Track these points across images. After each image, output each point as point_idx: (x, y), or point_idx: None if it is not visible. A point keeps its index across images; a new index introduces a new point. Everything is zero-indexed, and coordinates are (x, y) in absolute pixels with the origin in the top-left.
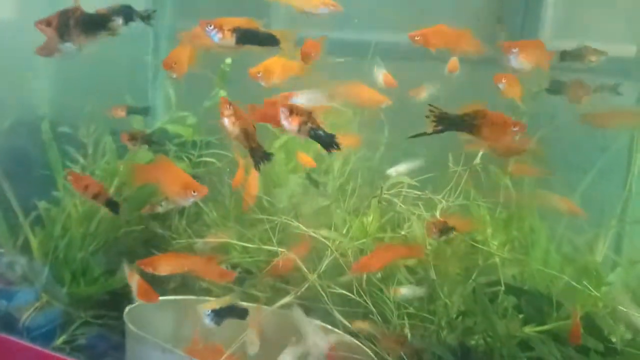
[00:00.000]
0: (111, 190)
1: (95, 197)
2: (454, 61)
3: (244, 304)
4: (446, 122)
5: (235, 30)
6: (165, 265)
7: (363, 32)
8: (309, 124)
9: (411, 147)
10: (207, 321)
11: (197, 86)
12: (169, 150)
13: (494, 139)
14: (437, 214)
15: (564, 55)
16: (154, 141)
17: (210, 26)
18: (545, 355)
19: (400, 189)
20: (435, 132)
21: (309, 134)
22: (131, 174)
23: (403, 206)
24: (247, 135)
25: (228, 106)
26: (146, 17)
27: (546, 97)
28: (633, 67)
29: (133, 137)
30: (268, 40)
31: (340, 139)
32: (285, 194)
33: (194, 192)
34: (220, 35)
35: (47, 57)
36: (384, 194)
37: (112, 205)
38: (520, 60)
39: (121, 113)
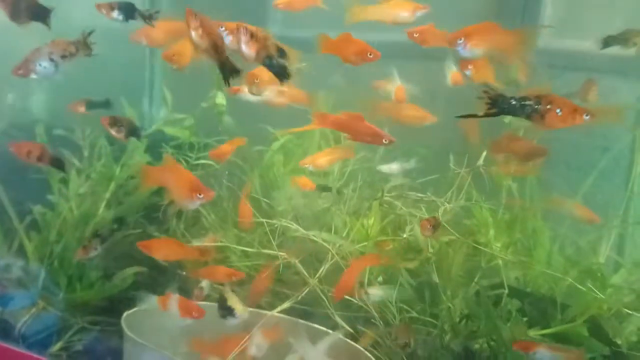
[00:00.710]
0: (107, 195)
1: (40, 159)
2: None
3: (247, 308)
4: (502, 105)
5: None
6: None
7: (363, 32)
8: (266, 52)
9: (412, 147)
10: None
11: (193, 88)
12: (166, 153)
13: (556, 127)
14: (439, 215)
15: (609, 41)
16: (138, 132)
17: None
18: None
19: (401, 192)
20: (488, 115)
21: (263, 62)
22: (140, 176)
23: (405, 209)
24: (216, 49)
25: (194, 17)
26: (148, 17)
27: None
28: (632, 66)
29: (115, 123)
30: (280, 73)
31: (335, 150)
32: (284, 196)
33: (199, 194)
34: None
35: (22, 77)
36: (385, 196)
37: (57, 162)
38: (469, 48)
39: (80, 108)
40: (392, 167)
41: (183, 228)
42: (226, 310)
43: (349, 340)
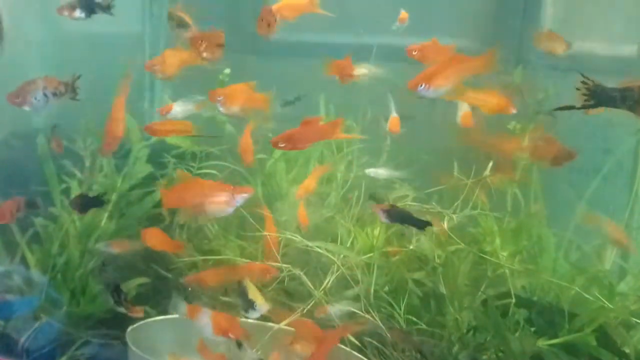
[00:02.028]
0: (109, 207)
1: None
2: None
3: (250, 320)
4: (602, 96)
5: None
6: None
7: (362, 35)
8: None
9: (414, 153)
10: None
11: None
12: (168, 163)
13: None
14: (445, 225)
15: None
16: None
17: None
18: None
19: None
20: (585, 107)
21: None
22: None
23: None
24: None
25: None
26: (106, 7)
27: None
28: (633, 66)
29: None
30: None
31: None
32: (287, 205)
33: (242, 194)
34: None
35: (17, 106)
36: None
37: (32, 205)
38: (434, 90)
39: None
40: (379, 172)
41: (186, 238)
42: (247, 303)
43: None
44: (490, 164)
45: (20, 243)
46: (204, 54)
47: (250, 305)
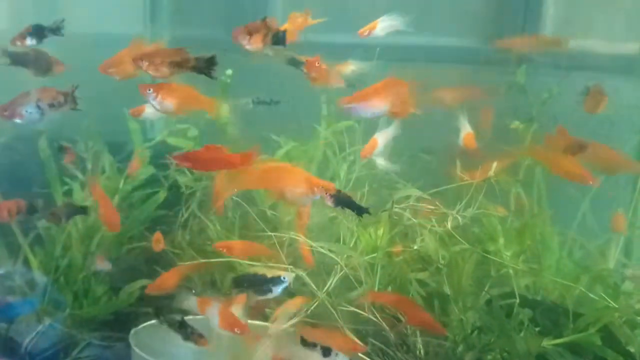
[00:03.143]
0: None
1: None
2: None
3: (255, 322)
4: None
5: None
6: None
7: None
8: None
9: (416, 153)
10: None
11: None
12: (170, 164)
13: None
14: (449, 225)
15: None
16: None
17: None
18: None
19: (412, 203)
20: None
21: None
22: (237, 180)
23: (413, 219)
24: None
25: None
26: (56, 30)
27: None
28: (635, 64)
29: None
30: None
31: None
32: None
33: (322, 188)
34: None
35: (6, 120)
36: (395, 207)
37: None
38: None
39: None
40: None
41: (189, 239)
42: (272, 281)
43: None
44: (495, 164)
45: (23, 246)
46: (150, 72)
47: (275, 282)
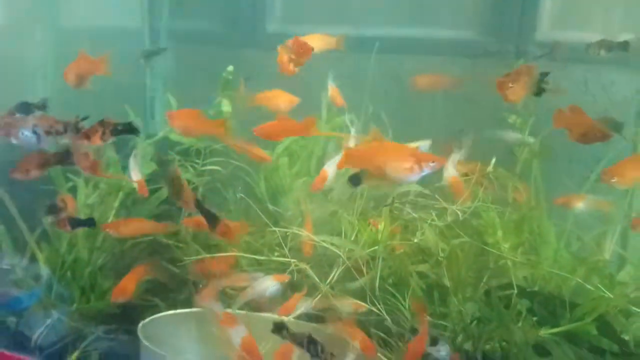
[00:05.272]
0: (116, 204)
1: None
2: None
3: (263, 315)
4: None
5: None
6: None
7: (364, 27)
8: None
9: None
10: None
11: (198, 94)
12: (173, 160)
13: None
14: (448, 218)
15: None
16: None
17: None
18: (561, 357)
19: (412, 198)
20: None
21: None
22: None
23: (413, 214)
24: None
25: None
26: (42, 107)
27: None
28: (631, 57)
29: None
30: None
31: None
32: (291, 201)
33: (429, 162)
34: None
35: (3, 137)
36: (395, 202)
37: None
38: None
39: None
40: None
41: (192, 234)
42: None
43: None
44: (494, 159)
45: (30, 241)
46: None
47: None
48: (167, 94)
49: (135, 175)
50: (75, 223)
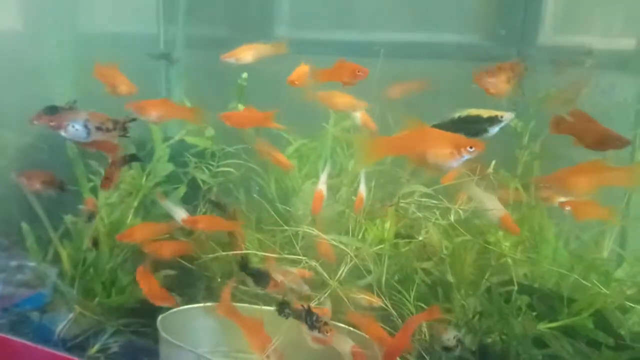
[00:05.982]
0: (135, 204)
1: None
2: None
3: (267, 308)
4: None
5: None
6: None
7: (367, 32)
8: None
9: None
10: None
11: (213, 98)
12: (189, 161)
13: None
14: (452, 218)
15: None
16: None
17: None
18: (559, 350)
19: (417, 198)
20: None
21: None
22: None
23: (420, 214)
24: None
25: None
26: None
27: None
28: (632, 61)
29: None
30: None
31: None
32: (301, 200)
33: (470, 147)
34: None
35: (54, 130)
36: (400, 202)
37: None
38: None
39: None
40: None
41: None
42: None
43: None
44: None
45: (53, 239)
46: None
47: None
48: (183, 98)
49: (179, 215)
50: (123, 161)
